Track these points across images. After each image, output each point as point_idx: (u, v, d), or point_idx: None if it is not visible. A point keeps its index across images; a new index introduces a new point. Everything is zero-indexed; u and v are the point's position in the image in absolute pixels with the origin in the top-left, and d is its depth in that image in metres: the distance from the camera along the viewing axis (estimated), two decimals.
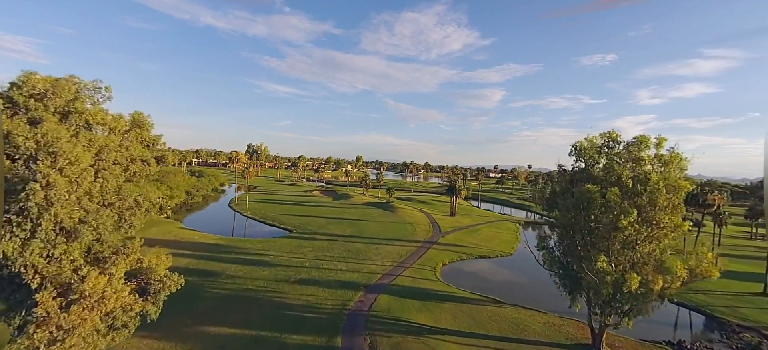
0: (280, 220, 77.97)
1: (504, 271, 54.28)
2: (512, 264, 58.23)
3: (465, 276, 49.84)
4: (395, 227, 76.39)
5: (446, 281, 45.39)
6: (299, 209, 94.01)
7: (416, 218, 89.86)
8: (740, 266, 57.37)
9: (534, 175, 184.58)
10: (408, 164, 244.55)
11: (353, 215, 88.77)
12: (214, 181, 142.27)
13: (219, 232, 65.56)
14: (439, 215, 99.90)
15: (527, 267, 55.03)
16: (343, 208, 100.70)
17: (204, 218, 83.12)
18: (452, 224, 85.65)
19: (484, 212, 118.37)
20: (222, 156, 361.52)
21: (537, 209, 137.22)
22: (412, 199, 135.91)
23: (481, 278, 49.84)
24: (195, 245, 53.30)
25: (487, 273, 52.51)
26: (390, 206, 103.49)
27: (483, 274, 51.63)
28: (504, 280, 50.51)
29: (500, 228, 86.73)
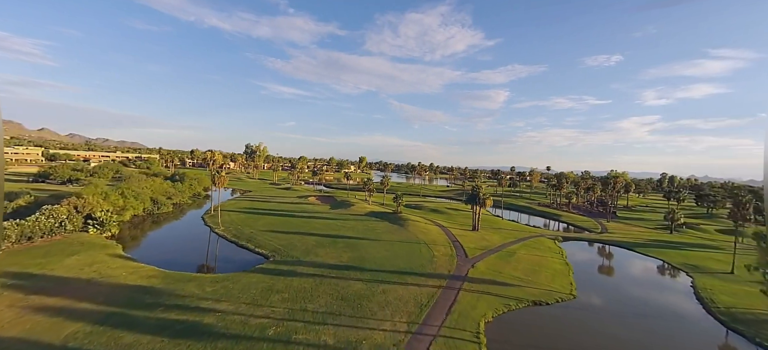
0: (258, 240, 60.04)
1: (583, 329, 35.78)
2: (587, 314, 39.71)
3: (528, 347, 31.51)
4: (407, 251, 58.20)
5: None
6: (287, 223, 76.09)
7: (432, 234, 71.58)
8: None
9: (556, 178, 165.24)
10: (415, 166, 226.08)
11: (353, 231, 70.67)
12: (197, 185, 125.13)
13: (168, 261, 47.85)
14: (459, 229, 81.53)
15: (611, 320, 36.63)
16: (342, 220, 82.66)
17: (161, 238, 65.45)
18: (478, 244, 67.27)
19: (509, 224, 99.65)
20: (220, 157, 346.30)
21: (573, 218, 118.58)
22: (422, 207, 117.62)
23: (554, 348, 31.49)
24: (110, 292, 35.50)
25: (557, 334, 34.09)
26: (398, 218, 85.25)
27: (553, 338, 33.22)
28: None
29: (540, 249, 68.17)
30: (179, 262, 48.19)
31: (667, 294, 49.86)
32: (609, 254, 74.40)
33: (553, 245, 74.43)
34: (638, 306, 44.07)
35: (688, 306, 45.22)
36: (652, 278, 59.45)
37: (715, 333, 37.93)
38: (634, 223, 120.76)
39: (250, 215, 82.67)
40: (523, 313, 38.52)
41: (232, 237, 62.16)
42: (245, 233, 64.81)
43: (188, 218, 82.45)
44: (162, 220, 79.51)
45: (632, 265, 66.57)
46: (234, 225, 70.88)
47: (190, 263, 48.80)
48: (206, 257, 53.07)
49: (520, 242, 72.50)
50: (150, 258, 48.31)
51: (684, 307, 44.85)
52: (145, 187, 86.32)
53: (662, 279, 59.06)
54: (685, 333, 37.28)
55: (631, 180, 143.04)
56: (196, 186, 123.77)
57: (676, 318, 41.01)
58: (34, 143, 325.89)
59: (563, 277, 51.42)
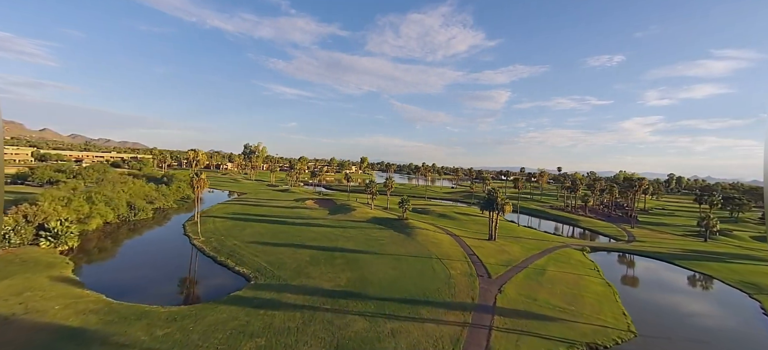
0: (240, 255, 50.70)
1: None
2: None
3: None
4: (418, 269, 48.76)
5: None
6: (278, 233, 66.83)
7: (444, 246, 62.14)
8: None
9: (569, 179, 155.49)
10: (419, 167, 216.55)
11: (353, 242, 61.32)
12: (186, 187, 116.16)
13: (123, 285, 38.77)
14: (473, 238, 72.03)
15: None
16: (341, 228, 73.33)
17: (127, 252, 56.20)
18: (499, 258, 57.78)
19: (527, 232, 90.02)
20: (218, 157, 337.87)
21: (592, 224, 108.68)
22: (429, 211, 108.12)
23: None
24: (27, 338, 26.30)
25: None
26: (404, 225, 75.83)
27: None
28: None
29: (571, 264, 58.63)
30: (136, 287, 38.96)
31: (739, 325, 40.27)
32: (649, 268, 64.71)
33: (583, 258, 64.93)
34: (720, 344, 34.52)
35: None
36: (711, 301, 49.76)
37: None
38: (659, 229, 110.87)
39: (237, 223, 73.44)
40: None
41: (211, 251, 52.86)
42: (227, 245, 55.51)
43: (168, 226, 73.25)
44: (138, 228, 70.40)
45: (680, 283, 56.94)
46: (216, 235, 61.64)
47: (149, 287, 39.53)
48: (172, 279, 43.72)
49: (545, 255, 62.95)
50: (102, 282, 39.16)
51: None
52: (121, 190, 77.26)
53: (723, 302, 49.30)
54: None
55: (651, 183, 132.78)
56: (185, 188, 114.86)
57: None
58: (30, 143, 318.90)
59: (610, 304, 41.88)
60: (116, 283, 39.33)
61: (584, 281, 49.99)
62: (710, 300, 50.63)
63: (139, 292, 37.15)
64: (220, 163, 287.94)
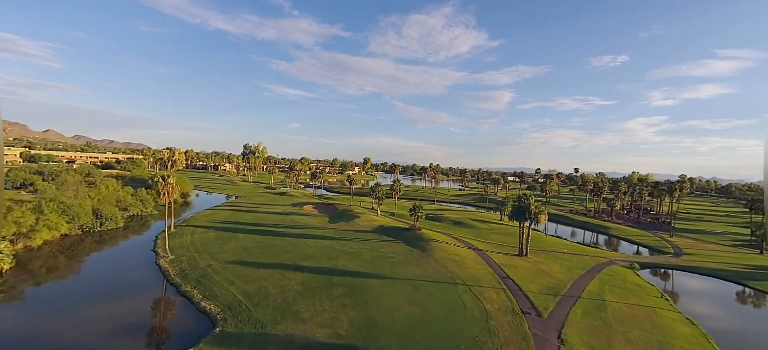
0: (212, 283, 39.30)
1: None
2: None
3: None
4: (442, 300, 37.20)
5: None
6: (266, 247, 55.48)
7: (468, 265, 50.47)
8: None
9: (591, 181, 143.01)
10: (425, 168, 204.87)
11: (357, 262, 49.79)
12: (173, 191, 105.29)
13: (28, 336, 27.61)
14: (499, 252, 60.31)
15: None
16: (343, 240, 61.89)
17: (74, 277, 45.06)
18: (540, 282, 46.07)
19: (557, 243, 78.02)
20: (217, 158, 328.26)
21: (626, 232, 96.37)
22: (442, 218, 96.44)
23: None
24: None
25: None
26: (417, 237, 64.24)
27: None
28: None
29: (629, 289, 46.77)
30: (48, 339, 27.72)
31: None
32: (721, 292, 52.69)
33: (639, 279, 53.09)
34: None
35: None
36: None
37: None
38: (700, 238, 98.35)
39: (220, 234, 62.20)
40: None
41: (176, 275, 41.54)
42: (200, 267, 44.16)
43: (138, 239, 62.11)
44: (103, 241, 59.42)
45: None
46: (190, 252, 50.36)
47: (65, 338, 28.26)
48: (105, 323, 32.33)
49: (593, 277, 51.13)
50: (4, 330, 28.01)
51: None
52: (87, 196, 66.35)
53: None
54: None
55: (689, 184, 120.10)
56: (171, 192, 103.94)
57: None
58: (25, 144, 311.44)
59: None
60: (20, 333, 28.16)
61: (660, 318, 38.14)
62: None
63: (45, 346, 25.93)
64: (218, 164, 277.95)
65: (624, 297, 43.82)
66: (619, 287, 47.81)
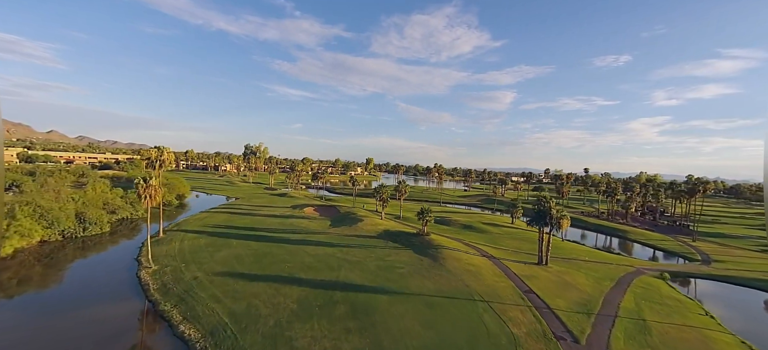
0: (195, 300, 34.32)
1: None
2: None
3: None
4: (461, 322, 32.05)
5: None
6: (261, 256, 50.50)
7: (485, 276, 45.25)
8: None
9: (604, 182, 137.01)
10: (429, 168, 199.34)
11: (361, 273, 44.68)
12: (168, 192, 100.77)
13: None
14: (516, 260, 55.03)
15: None
16: (345, 248, 56.82)
17: (43, 291, 40.32)
18: (567, 296, 40.79)
19: (577, 249, 72.45)
20: (218, 158, 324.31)
21: (645, 236, 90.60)
22: (450, 221, 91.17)
23: None
24: None
25: None
26: (426, 243, 59.05)
27: None
28: None
29: (668, 305, 41.42)
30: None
31: None
32: (763, 305, 47.20)
33: (674, 292, 47.81)
34: None
35: None
36: None
37: None
38: (723, 242, 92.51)
39: (213, 240, 57.29)
40: None
41: (157, 290, 36.60)
42: (185, 280, 39.20)
43: (123, 245, 57.26)
44: (86, 247, 54.73)
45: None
46: (176, 261, 45.44)
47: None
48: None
49: (624, 289, 45.82)
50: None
51: None
52: (71, 198, 61.71)
53: None
54: None
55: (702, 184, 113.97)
56: (166, 194, 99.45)
57: None
58: (26, 145, 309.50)
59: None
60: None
61: (714, 342, 32.79)
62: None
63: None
64: (218, 164, 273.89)
65: (665, 315, 38.46)
66: (657, 302, 42.45)
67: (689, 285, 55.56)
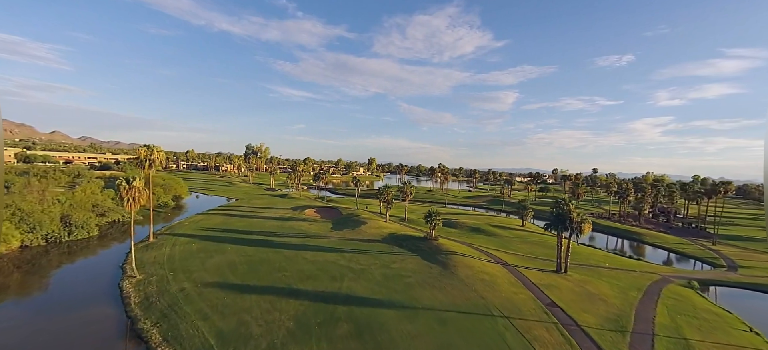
0: (179, 317, 30.54)
1: None
2: None
3: None
4: (479, 343, 28.09)
5: None
6: (257, 263, 46.70)
7: (501, 286, 41.24)
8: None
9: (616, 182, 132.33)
10: (434, 168, 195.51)
11: (366, 284, 40.79)
12: (163, 194, 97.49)
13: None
14: (532, 267, 50.94)
15: None
16: (348, 253, 52.94)
17: (11, 304, 36.69)
18: (593, 309, 36.73)
19: (594, 254, 68.20)
20: (219, 158, 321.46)
21: (662, 240, 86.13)
22: (457, 223, 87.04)
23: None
24: None
25: None
26: (435, 248, 55.06)
27: None
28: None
29: (706, 319, 37.31)
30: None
31: None
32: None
33: (708, 303, 43.69)
34: None
35: None
36: None
37: None
38: (744, 246, 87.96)
39: (206, 245, 53.55)
40: None
41: (137, 304, 32.83)
42: (170, 292, 35.43)
43: (110, 251, 53.66)
44: (71, 252, 51.17)
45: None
46: (164, 269, 41.69)
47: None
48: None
49: (653, 300, 41.73)
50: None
51: None
52: (56, 200, 58.16)
53: None
54: None
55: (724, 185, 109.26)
56: (161, 195, 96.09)
57: None
58: (43, 146, 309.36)
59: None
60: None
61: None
62: None
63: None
64: (219, 164, 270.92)
65: (706, 331, 34.33)
66: (692, 316, 38.32)
67: (720, 294, 51.31)
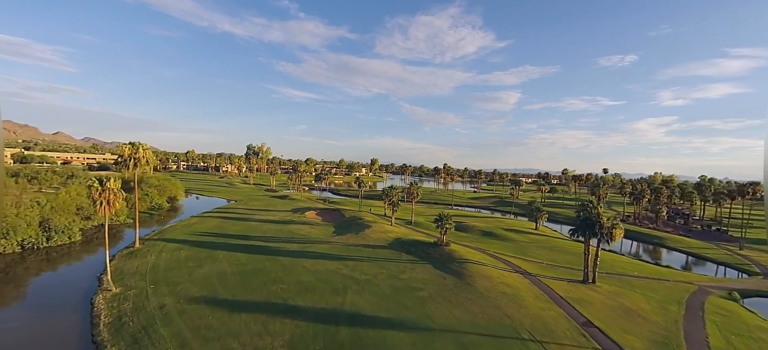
0: (153, 343, 25.80)
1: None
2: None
3: None
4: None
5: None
6: (250, 274, 41.98)
7: (527, 302, 36.25)
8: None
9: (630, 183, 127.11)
10: (439, 168, 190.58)
11: (372, 298, 35.96)
12: (157, 195, 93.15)
13: None
14: (555, 277, 45.90)
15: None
16: (351, 261, 48.12)
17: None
18: (635, 330, 31.70)
19: (619, 260, 62.95)
20: (220, 159, 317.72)
21: (686, 244, 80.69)
22: (468, 226, 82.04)
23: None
24: None
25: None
26: (447, 255, 50.09)
27: None
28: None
29: (763, 338, 32.20)
30: None
31: None
32: None
33: (760, 319, 38.55)
34: None
35: None
36: None
37: None
38: None
39: (197, 251, 48.88)
40: None
41: (107, 326, 28.08)
42: (147, 309, 30.71)
43: (92, 259, 49.06)
44: (51, 259, 46.69)
45: None
46: (145, 281, 37.01)
47: None
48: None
49: (697, 316, 36.75)
50: None
51: None
52: (36, 202, 53.64)
53: None
54: None
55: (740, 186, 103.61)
56: (155, 196, 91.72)
57: None
58: (44, 146, 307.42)
59: None
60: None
61: None
62: None
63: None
64: (219, 165, 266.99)
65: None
66: (747, 336, 33.26)
67: (763, 306, 46.07)
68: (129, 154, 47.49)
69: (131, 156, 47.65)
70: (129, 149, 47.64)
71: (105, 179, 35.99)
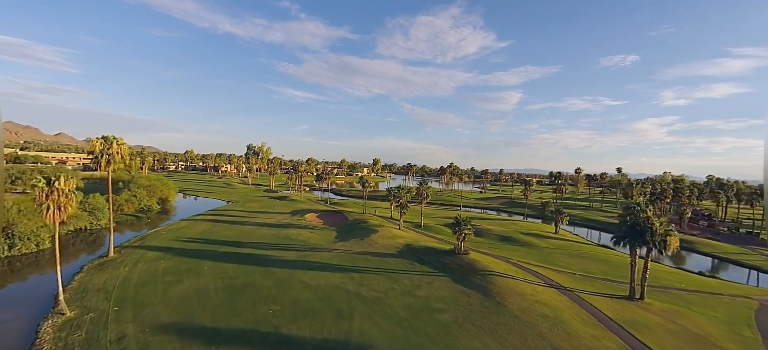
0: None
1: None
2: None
3: None
4: None
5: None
6: (238, 290, 35.53)
7: (573, 328, 29.65)
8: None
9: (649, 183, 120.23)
10: (442, 168, 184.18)
11: (383, 325, 29.44)
12: (146, 196, 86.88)
13: None
14: (592, 290, 39.20)
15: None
16: (356, 273, 41.59)
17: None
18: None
19: (656, 268, 56.07)
20: (219, 158, 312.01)
21: (718, 248, 73.70)
22: (484, 231, 75.32)
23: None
24: None
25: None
26: (467, 266, 43.45)
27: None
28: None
29: None
30: None
31: None
32: None
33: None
34: None
35: None
36: None
37: None
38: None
39: (180, 261, 42.47)
40: None
41: None
42: (101, 343, 24.31)
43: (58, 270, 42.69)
44: (14, 269, 40.46)
45: None
46: (108, 301, 30.59)
47: None
48: None
49: (761, 333, 30.02)
50: None
51: None
52: None
53: None
54: None
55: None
56: (143, 198, 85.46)
57: None
58: (44, 147, 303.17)
59: None
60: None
61: None
62: None
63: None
64: (218, 165, 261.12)
65: None
66: None
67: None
68: (101, 149, 41.12)
69: (103, 152, 41.30)
70: (101, 144, 41.25)
71: (54, 178, 29.53)
